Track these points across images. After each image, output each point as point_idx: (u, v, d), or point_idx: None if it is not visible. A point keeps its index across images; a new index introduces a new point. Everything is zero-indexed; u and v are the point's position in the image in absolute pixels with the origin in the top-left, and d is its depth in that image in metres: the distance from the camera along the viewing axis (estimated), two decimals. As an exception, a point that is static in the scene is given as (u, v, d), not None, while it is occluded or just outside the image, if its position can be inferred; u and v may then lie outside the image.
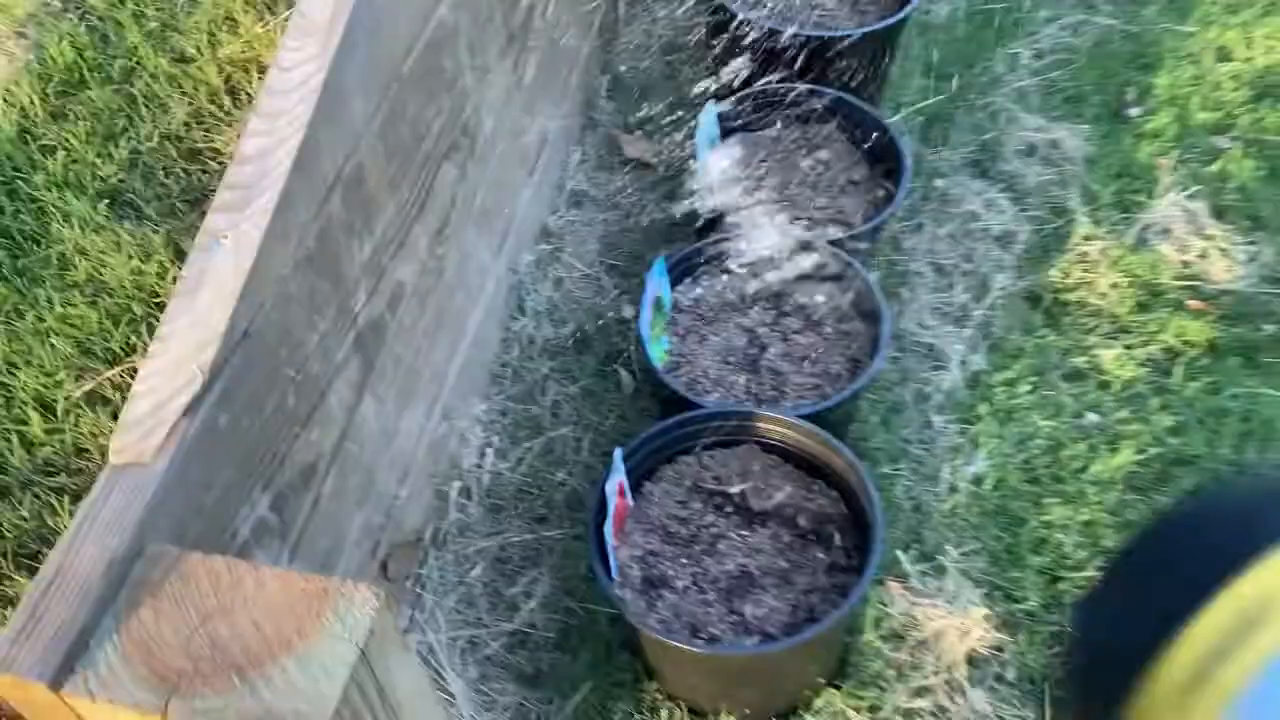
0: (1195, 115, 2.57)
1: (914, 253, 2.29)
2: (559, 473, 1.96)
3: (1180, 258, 2.29)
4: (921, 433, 2.01)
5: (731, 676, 1.55)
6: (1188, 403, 2.06)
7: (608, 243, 2.33)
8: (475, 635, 1.78)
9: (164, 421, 1.12)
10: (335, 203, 1.36)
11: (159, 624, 1.01)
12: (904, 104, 2.58)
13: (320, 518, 1.44)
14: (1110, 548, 1.86)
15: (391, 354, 1.61)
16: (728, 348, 1.89)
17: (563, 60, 2.31)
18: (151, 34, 1.92)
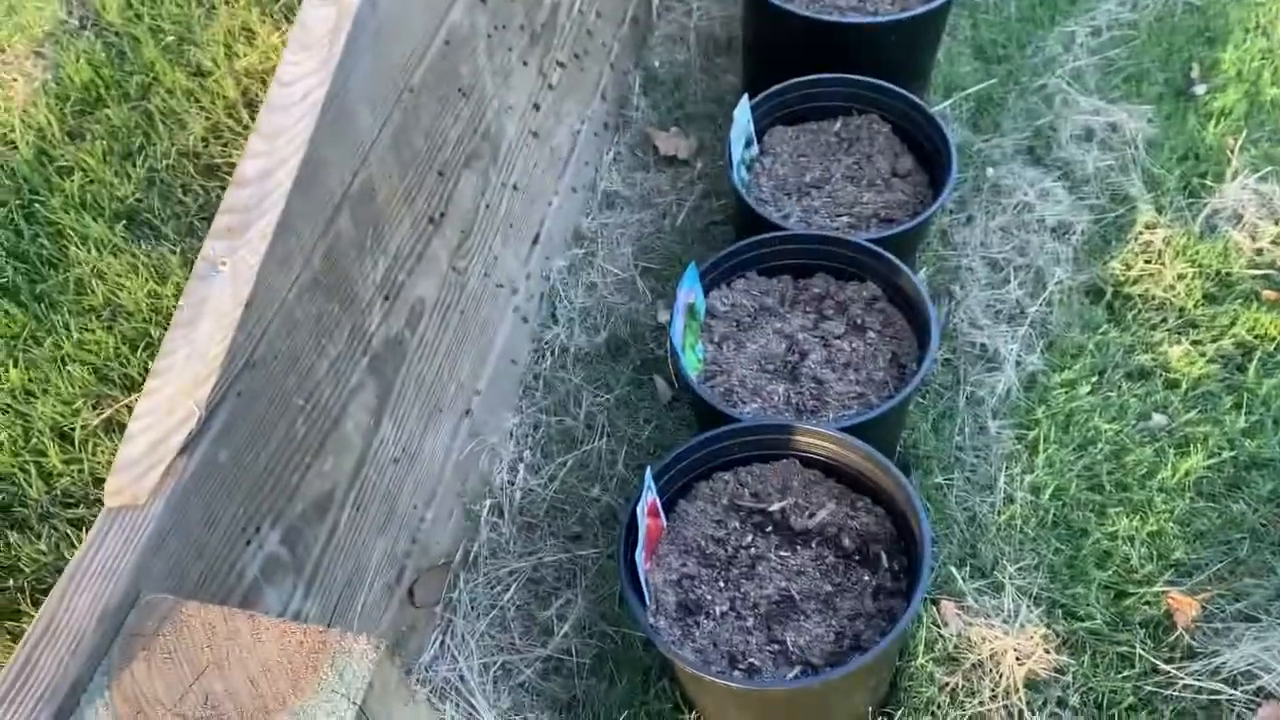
0: (1266, 91, 2.41)
1: (964, 247, 2.17)
2: (594, 488, 1.89)
3: (1253, 245, 2.15)
4: (975, 439, 1.90)
5: (773, 710, 1.46)
6: (1263, 401, 1.93)
7: (642, 245, 2.25)
8: (508, 661, 1.72)
9: (160, 461, 1.06)
10: (343, 221, 1.30)
11: (152, 679, 0.96)
12: (953, 89, 2.46)
13: (338, 548, 1.38)
14: (1180, 560, 1.74)
15: (412, 374, 1.55)
16: (765, 355, 1.80)
17: (592, 57, 2.23)
18: (168, 48, 1.88)
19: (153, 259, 1.66)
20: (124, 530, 1.04)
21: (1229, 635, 1.66)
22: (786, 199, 2.06)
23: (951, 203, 2.25)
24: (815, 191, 2.07)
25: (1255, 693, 1.59)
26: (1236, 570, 1.74)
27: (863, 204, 2.04)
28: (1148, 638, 1.67)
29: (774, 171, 2.11)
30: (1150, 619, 1.69)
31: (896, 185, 2.07)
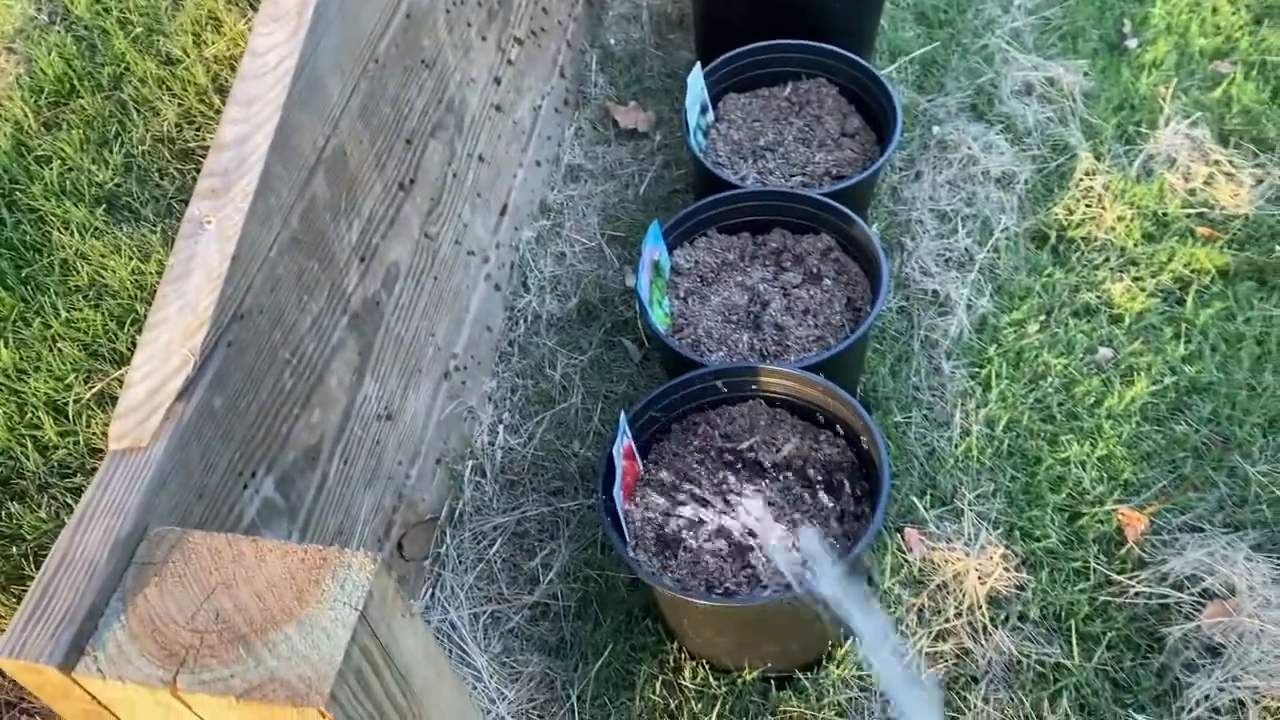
0: (1195, 42, 2.53)
1: (914, 201, 2.27)
2: (572, 444, 1.97)
3: (1186, 186, 2.26)
4: (931, 379, 2.00)
5: (750, 629, 1.55)
6: (1201, 330, 2.03)
7: (608, 214, 2.33)
8: (497, 610, 1.80)
9: (160, 405, 1.13)
10: (318, 184, 1.37)
11: (164, 601, 1.03)
12: (898, 54, 2.56)
13: (328, 499, 1.46)
14: (1129, 480, 1.85)
15: (391, 334, 1.62)
16: (729, 306, 1.88)
17: (549, 35, 2.31)
18: (138, 39, 1.94)
19: (134, 239, 1.72)
20: (129, 471, 1.11)
21: (1175, 545, 1.76)
22: (742, 161, 2.15)
23: (900, 160, 2.35)
24: (769, 153, 2.16)
25: (1201, 594, 1.69)
26: (1181, 486, 1.84)
27: (815, 163, 2.13)
28: (1101, 552, 1.77)
29: (729, 136, 2.19)
30: (1103, 535, 1.79)
31: (846, 144, 2.16)
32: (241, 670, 0.97)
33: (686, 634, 1.64)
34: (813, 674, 1.66)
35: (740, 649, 1.60)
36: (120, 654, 1.00)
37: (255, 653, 0.98)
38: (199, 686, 0.97)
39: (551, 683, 1.71)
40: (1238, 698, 1.59)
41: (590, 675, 1.69)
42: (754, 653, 1.61)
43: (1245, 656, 1.62)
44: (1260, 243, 2.16)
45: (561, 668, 1.72)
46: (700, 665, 1.67)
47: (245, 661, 0.97)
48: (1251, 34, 2.53)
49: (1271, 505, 1.79)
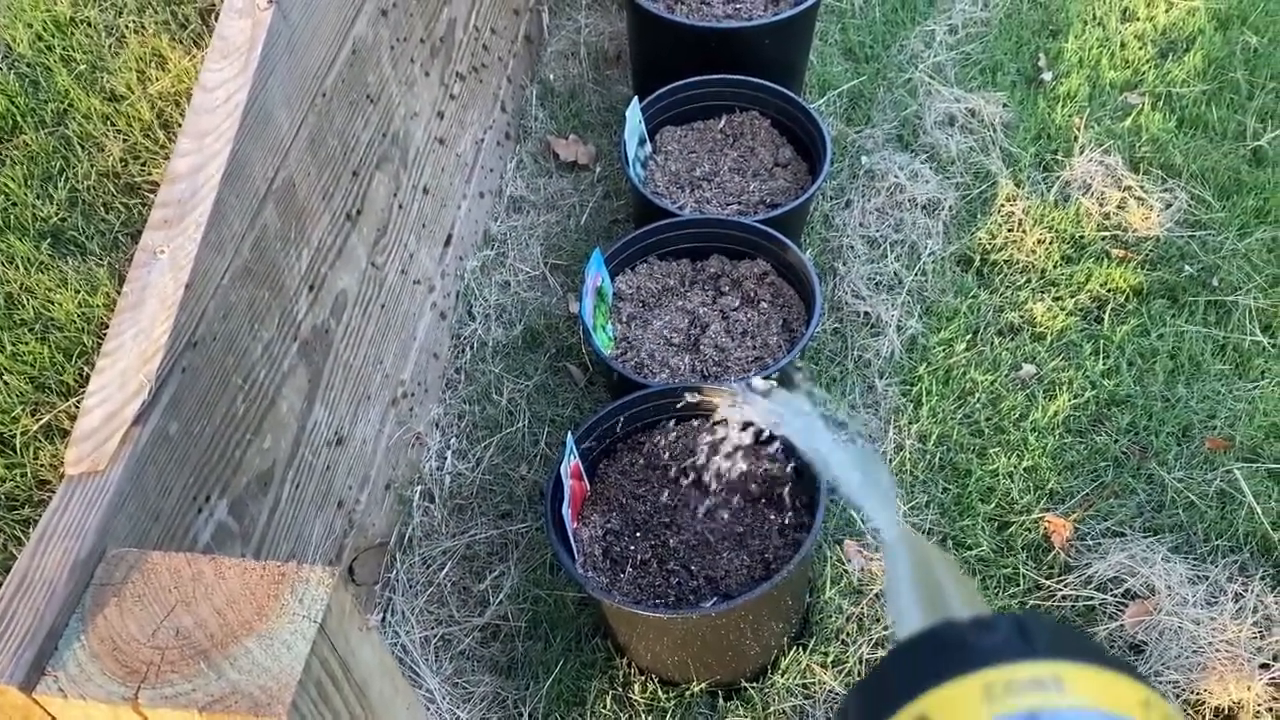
0: (1105, 75, 2.67)
1: (845, 228, 2.36)
2: (520, 467, 2.01)
3: (1101, 210, 2.38)
4: (865, 397, 2.08)
5: (697, 641, 1.59)
6: (1118, 346, 2.14)
7: (550, 244, 2.38)
8: (448, 632, 1.82)
9: (116, 430, 1.16)
10: (268, 214, 1.41)
11: (124, 620, 1.05)
12: (827, 88, 2.66)
13: (280, 523, 1.48)
14: (1054, 489, 1.93)
15: (340, 361, 1.65)
16: (670, 329, 1.95)
17: (490, 71, 2.37)
18: (81, 76, 1.96)
19: (81, 273, 1.74)
20: (87, 494, 1.13)
21: (1099, 549, 1.85)
22: (680, 191, 2.22)
23: (831, 189, 2.44)
24: (706, 183, 2.23)
25: (1123, 595, 1.78)
26: (1102, 493, 1.93)
27: (749, 192, 2.21)
28: (1029, 559, 1.85)
29: (667, 167, 2.26)
30: (1031, 542, 1.87)
31: (779, 174, 2.25)
32: (203, 684, 0.99)
33: (635, 649, 1.68)
34: (759, 684, 1.71)
35: (689, 662, 1.65)
36: (81, 673, 1.01)
37: (216, 667, 1.00)
38: (161, 702, 0.99)
39: (503, 702, 1.73)
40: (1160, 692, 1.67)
41: (541, 693, 1.72)
42: (702, 665, 1.65)
43: (1166, 653, 1.70)
44: (1170, 263, 2.28)
45: (513, 687, 1.75)
46: (649, 679, 1.71)
47: (207, 675, 1.00)
48: (1157, 67, 2.68)
49: (1187, 509, 1.89)
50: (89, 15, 2.03)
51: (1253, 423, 2.00)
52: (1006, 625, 0.42)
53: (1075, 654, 0.41)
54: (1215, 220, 2.35)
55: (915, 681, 0.41)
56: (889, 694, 0.42)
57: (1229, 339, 2.14)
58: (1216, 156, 2.47)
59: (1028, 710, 0.39)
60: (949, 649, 0.42)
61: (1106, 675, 0.40)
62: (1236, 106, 2.59)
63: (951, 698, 0.40)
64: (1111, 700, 0.39)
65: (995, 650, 0.41)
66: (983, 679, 0.40)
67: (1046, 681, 0.39)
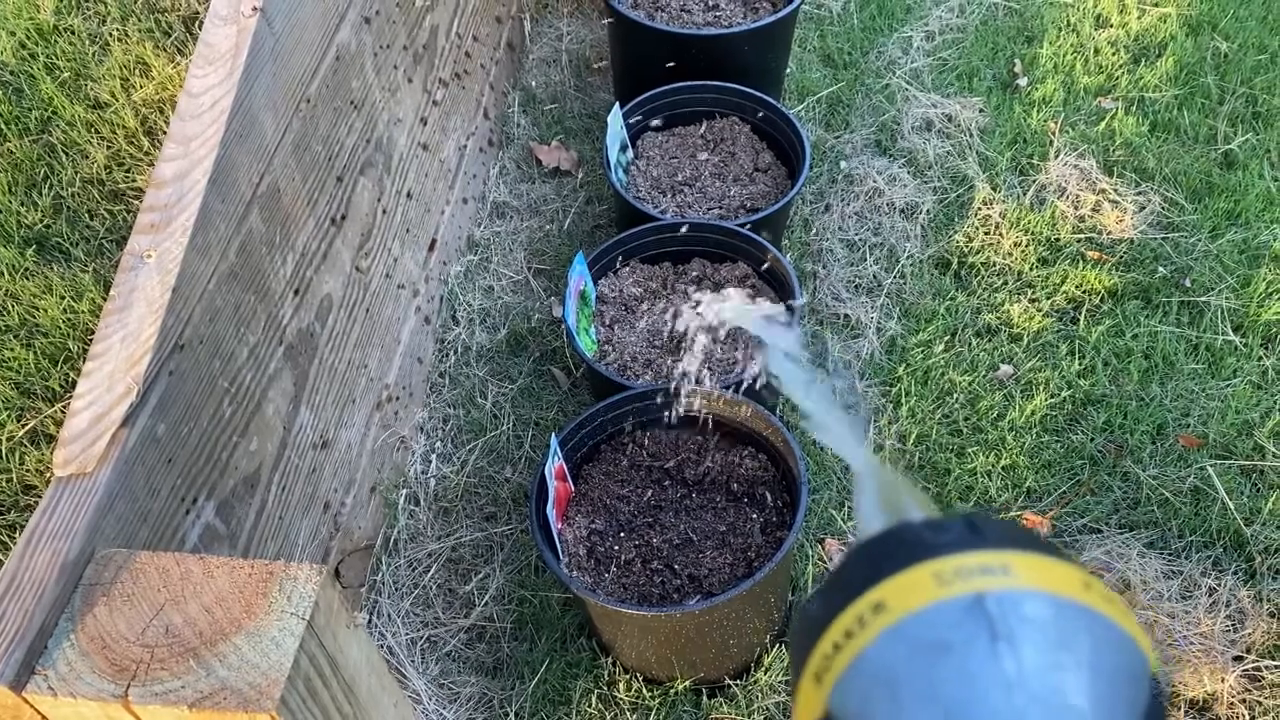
0: (1080, 80, 2.71)
1: (825, 232, 2.39)
2: (504, 470, 2.02)
3: (1076, 213, 2.42)
4: (846, 398, 2.10)
5: (680, 639, 1.61)
6: (1093, 346, 2.18)
7: (533, 249, 2.40)
8: (434, 634, 1.83)
9: (104, 432, 1.17)
10: (254, 218, 1.43)
11: (113, 619, 1.06)
12: (806, 94, 2.69)
13: (267, 525, 1.49)
14: (1032, 487, 1.96)
15: (325, 365, 1.67)
16: (653, 332, 1.97)
17: (472, 78, 2.39)
18: (65, 84, 1.97)
19: (66, 279, 1.75)
20: (75, 495, 1.14)
21: (1076, 545, 1.88)
22: (662, 196, 2.25)
23: (810, 194, 2.47)
24: (687, 188, 2.26)
25: (1099, 590, 1.81)
26: (1079, 491, 1.96)
27: (730, 197, 2.23)
28: (1007, 556, 1.88)
29: (648, 173, 2.29)
30: (1009, 540, 1.90)
31: (759, 179, 2.28)
32: (193, 681, 1.01)
33: (620, 648, 1.70)
34: (742, 681, 1.73)
35: (673, 660, 1.67)
36: (71, 671, 1.03)
37: (206, 664, 1.02)
38: (151, 698, 1.00)
39: (489, 702, 1.75)
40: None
41: (527, 693, 1.73)
42: (686, 663, 1.67)
43: (1141, 646, 1.73)
44: (1144, 264, 2.32)
45: (499, 687, 1.76)
46: (634, 678, 1.73)
47: (196, 672, 1.01)
48: (1130, 72, 2.73)
49: (1161, 506, 1.93)
50: (73, 23, 2.04)
51: (1225, 420, 2.04)
52: (958, 523, 0.45)
53: (1022, 545, 0.43)
54: (1187, 222, 2.39)
55: (872, 573, 0.43)
56: (848, 586, 0.44)
57: (1201, 339, 2.18)
58: (1188, 160, 2.51)
59: (975, 591, 0.41)
60: (904, 544, 0.44)
61: (1050, 561, 0.43)
62: (1208, 111, 2.64)
63: (905, 584, 0.42)
64: (1054, 582, 0.42)
65: (947, 543, 0.43)
66: (933, 567, 0.42)
67: (994, 567, 0.42)
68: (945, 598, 0.41)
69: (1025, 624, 0.40)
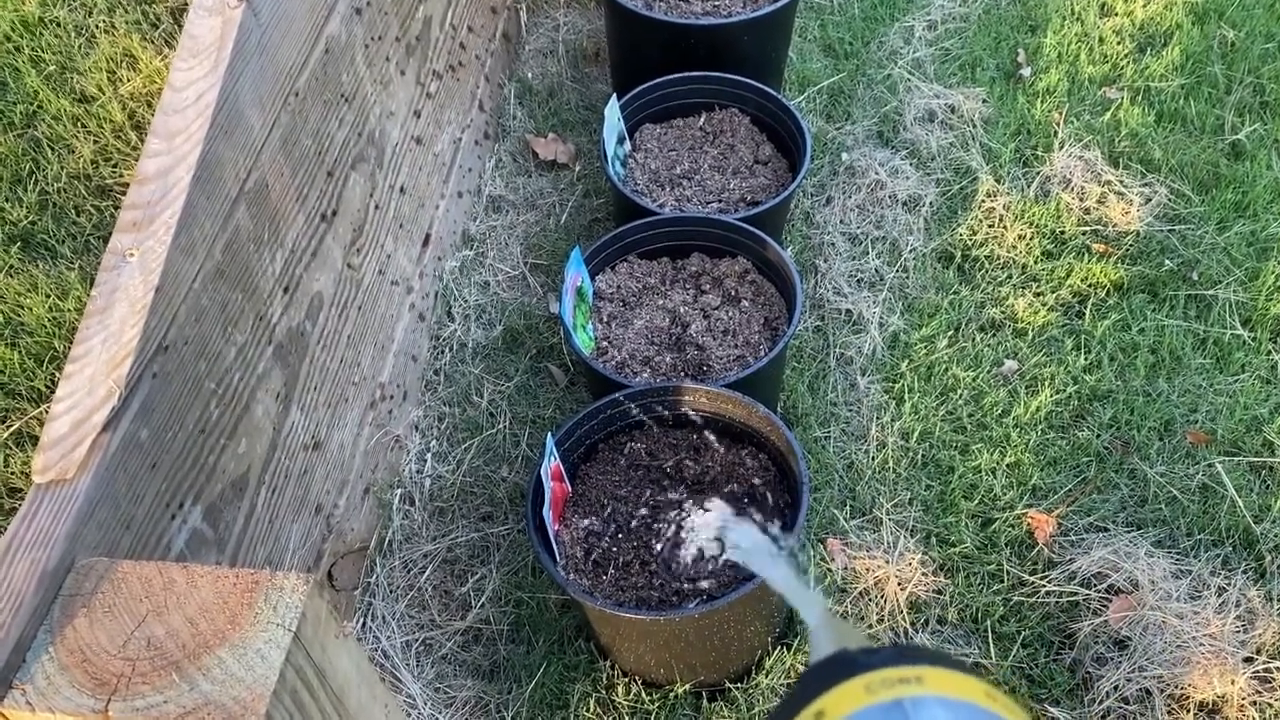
0: (1084, 70, 2.67)
1: (826, 225, 2.35)
2: (501, 469, 1.99)
3: (1081, 205, 2.38)
4: (847, 395, 2.07)
5: (680, 642, 1.58)
6: (1099, 341, 2.14)
7: (530, 243, 2.37)
8: (429, 637, 1.80)
9: (85, 437, 1.13)
10: (241, 215, 1.39)
11: (94, 631, 1.03)
12: (806, 84, 2.65)
13: (256, 529, 1.46)
14: (1037, 485, 1.93)
15: (316, 364, 1.63)
16: (651, 329, 1.93)
17: (467, 70, 2.35)
18: (50, 77, 1.93)
19: (51, 277, 1.71)
20: (55, 503, 1.11)
21: (1082, 545, 1.84)
22: (660, 189, 2.21)
23: (812, 186, 2.43)
24: (686, 181, 2.22)
25: (1107, 590, 1.78)
26: (1085, 489, 1.93)
27: (730, 190, 2.20)
28: (1013, 555, 1.85)
29: (646, 165, 2.25)
30: (1014, 539, 1.87)
31: (759, 171, 2.24)
32: (175, 695, 0.97)
33: (619, 651, 1.67)
34: (743, 684, 1.70)
35: (673, 663, 1.63)
36: (50, 685, 0.99)
37: (189, 677, 0.98)
38: (132, 714, 0.97)
39: (485, 706, 1.72)
40: (1144, 687, 1.67)
41: (524, 697, 1.70)
42: (686, 667, 1.64)
43: (1150, 648, 1.70)
44: (1150, 257, 2.28)
45: (495, 691, 1.73)
46: (633, 682, 1.70)
47: (179, 686, 0.98)
48: (1136, 61, 2.68)
49: (1169, 504, 1.89)
50: (58, 15, 2.00)
51: (1234, 416, 2.01)
52: (888, 649, 0.55)
53: (938, 663, 0.53)
54: (1194, 214, 2.35)
55: (816, 688, 0.54)
56: (798, 699, 0.55)
57: (1209, 333, 2.14)
58: (1195, 151, 2.47)
59: (895, 697, 0.51)
60: (842, 665, 0.55)
61: (959, 675, 0.53)
62: (1214, 101, 2.59)
63: (841, 694, 0.53)
64: (960, 690, 0.52)
65: (876, 662, 0.54)
66: (864, 680, 0.53)
67: (911, 679, 0.52)
68: (871, 703, 0.51)
69: None
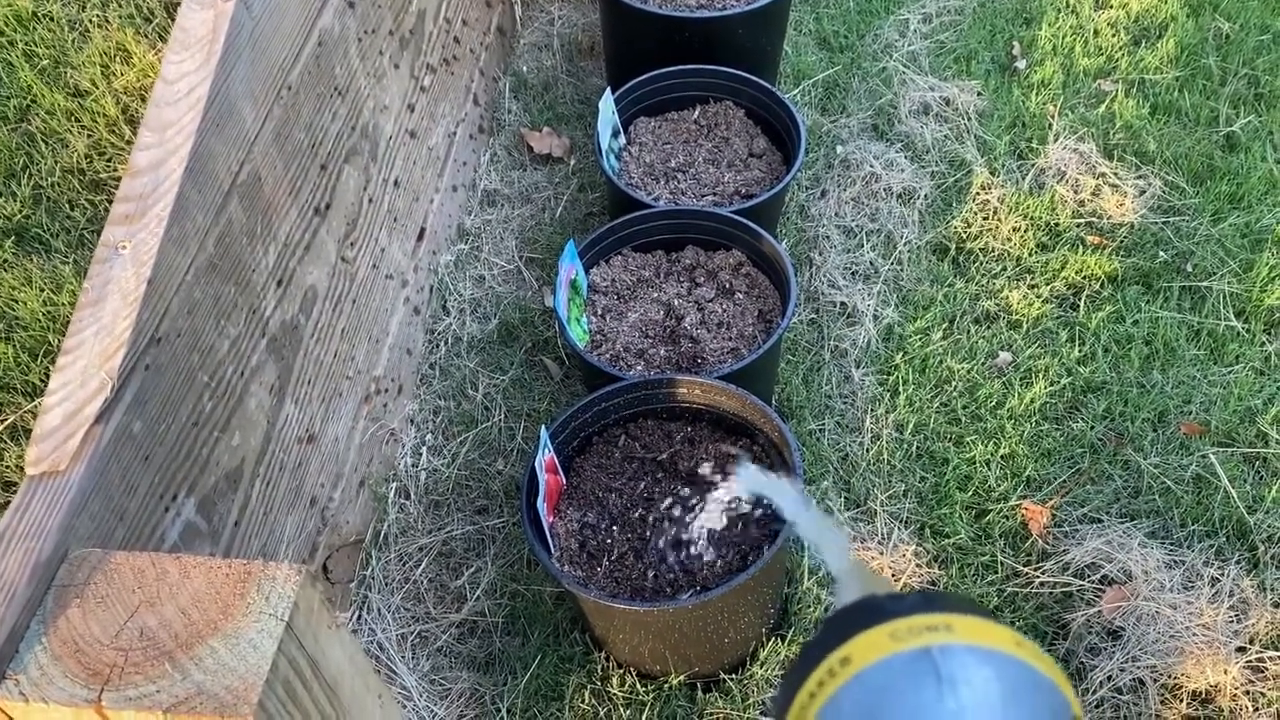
0: (1079, 63, 2.67)
1: (820, 218, 2.35)
2: (496, 462, 1.99)
3: (1075, 198, 2.38)
4: (842, 387, 2.07)
5: (674, 633, 1.58)
6: (1093, 333, 2.14)
7: (525, 237, 2.37)
8: (425, 629, 1.81)
9: (77, 429, 1.14)
10: (233, 208, 1.39)
11: (87, 621, 1.03)
12: (801, 78, 2.65)
13: (251, 521, 1.46)
14: (1031, 476, 1.93)
15: (310, 357, 1.63)
16: (646, 322, 1.93)
17: (461, 63, 2.34)
18: (44, 71, 1.93)
19: (45, 271, 1.71)
20: (48, 494, 1.11)
21: (1076, 536, 1.85)
22: (655, 183, 2.21)
23: (806, 179, 2.43)
24: (681, 174, 2.22)
25: (1100, 581, 1.78)
26: (1079, 480, 1.93)
27: (724, 183, 2.20)
28: (1007, 546, 1.85)
29: (641, 158, 2.25)
30: (1008, 530, 1.87)
31: (754, 164, 2.24)
32: (168, 685, 0.98)
33: (613, 642, 1.67)
34: (737, 675, 1.70)
35: (667, 654, 1.64)
36: (43, 676, 1.00)
37: (181, 667, 0.99)
38: (125, 703, 0.97)
39: (481, 698, 1.72)
40: (1138, 677, 1.67)
41: (519, 688, 1.71)
42: (680, 657, 1.65)
43: (1144, 638, 1.70)
44: (1145, 249, 2.29)
45: (490, 683, 1.74)
46: (628, 673, 1.70)
47: (171, 677, 0.98)
48: (1130, 54, 2.68)
49: (1163, 495, 1.90)
50: (51, 9, 2.00)
51: (1227, 407, 2.01)
52: (914, 594, 0.55)
53: (965, 610, 0.53)
54: (1189, 206, 2.35)
55: (841, 634, 0.53)
56: (822, 645, 0.54)
57: (1203, 324, 2.15)
58: (1189, 143, 2.47)
59: (923, 645, 0.50)
60: (867, 611, 0.54)
61: (988, 623, 0.52)
62: (1209, 93, 2.60)
63: (867, 641, 0.52)
64: (990, 638, 0.51)
65: (902, 609, 0.53)
66: (890, 628, 0.52)
67: (938, 626, 0.51)
68: (898, 651, 0.51)
69: (963, 670, 0.49)
